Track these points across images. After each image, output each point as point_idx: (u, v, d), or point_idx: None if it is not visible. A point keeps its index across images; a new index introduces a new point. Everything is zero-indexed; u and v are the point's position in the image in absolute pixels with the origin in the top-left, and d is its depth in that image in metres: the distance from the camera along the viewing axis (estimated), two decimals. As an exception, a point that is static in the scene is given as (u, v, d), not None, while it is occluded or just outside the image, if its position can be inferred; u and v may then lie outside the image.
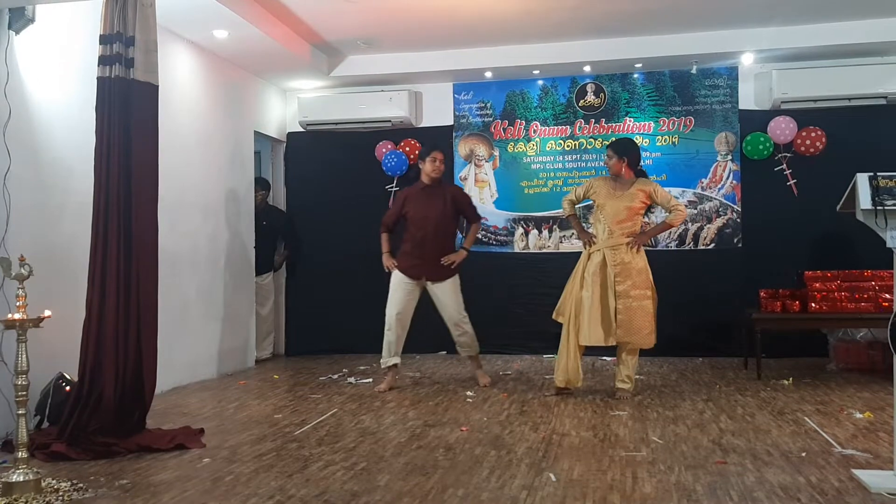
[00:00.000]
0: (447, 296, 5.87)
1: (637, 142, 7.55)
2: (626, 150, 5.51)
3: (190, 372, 6.33)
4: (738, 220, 7.43)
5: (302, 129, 8.17)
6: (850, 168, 3.88)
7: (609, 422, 4.73)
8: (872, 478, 3.43)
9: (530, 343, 7.67)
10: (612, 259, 5.32)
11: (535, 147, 7.85)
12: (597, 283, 5.29)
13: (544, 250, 7.82)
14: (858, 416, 4.80)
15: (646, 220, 5.92)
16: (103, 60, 4.36)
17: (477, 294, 7.76)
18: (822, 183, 6.33)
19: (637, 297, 5.27)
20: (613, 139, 6.15)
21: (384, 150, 7.86)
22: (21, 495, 3.30)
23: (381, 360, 5.92)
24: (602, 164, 7.56)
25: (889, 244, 3.42)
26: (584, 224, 5.94)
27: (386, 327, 5.86)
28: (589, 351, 5.59)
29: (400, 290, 5.84)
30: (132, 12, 4.36)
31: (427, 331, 6.36)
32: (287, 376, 6.79)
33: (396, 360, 5.88)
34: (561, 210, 5.98)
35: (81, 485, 3.51)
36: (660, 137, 7.61)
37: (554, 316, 5.58)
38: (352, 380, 6.34)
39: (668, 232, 7.51)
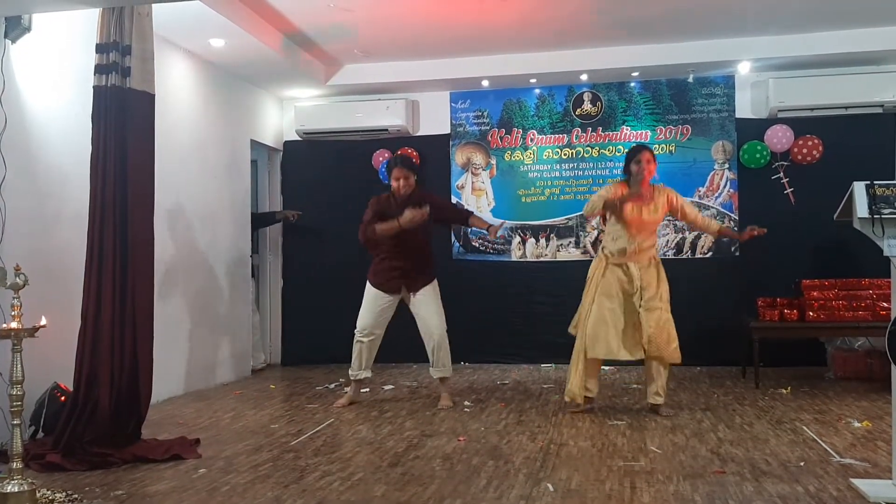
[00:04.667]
0: (429, 304, 5.58)
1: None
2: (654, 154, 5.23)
3: (185, 381, 6.30)
4: (736, 228, 7.41)
5: (299, 138, 8.17)
6: (846, 176, 3.87)
7: (607, 431, 4.72)
8: (871, 487, 3.42)
9: (527, 352, 7.65)
10: (637, 272, 5.07)
11: (532, 156, 7.85)
12: (617, 293, 5.06)
13: (542, 259, 7.81)
14: (857, 424, 4.80)
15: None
16: (99, 69, 4.36)
17: (474, 303, 7.78)
18: (819, 191, 6.32)
19: (664, 310, 5.07)
20: (638, 144, 5.92)
21: (381, 158, 7.86)
22: (15, 506, 3.28)
23: (350, 373, 5.71)
24: (599, 171, 7.59)
25: (886, 252, 3.42)
26: (582, 234, 5.68)
27: (355, 340, 5.62)
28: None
29: (374, 307, 5.56)
30: (129, 21, 4.36)
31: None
32: (283, 386, 6.77)
33: (367, 373, 5.69)
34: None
35: (76, 495, 3.49)
36: (657, 146, 7.60)
37: (570, 329, 5.32)
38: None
39: (665, 240, 7.53)
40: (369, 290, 5.64)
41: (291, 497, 3.49)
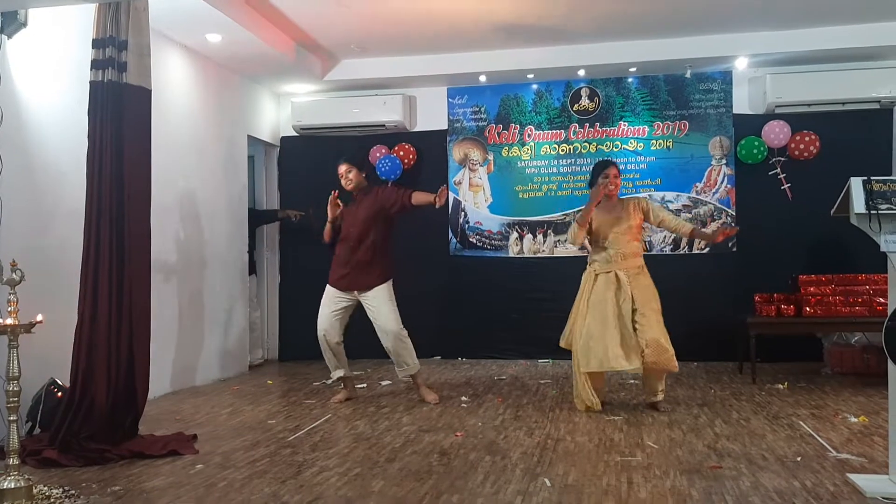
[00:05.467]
0: (380, 305, 5.51)
1: (632, 146, 7.62)
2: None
3: (183, 377, 6.30)
4: (733, 224, 7.43)
5: (296, 134, 8.15)
6: (843, 172, 3.88)
7: (604, 427, 4.72)
8: (867, 482, 3.43)
9: (525, 348, 7.66)
10: (626, 279, 5.09)
11: (529, 151, 7.84)
12: (610, 302, 5.03)
13: (539, 255, 7.81)
14: (853, 420, 4.81)
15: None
16: (96, 64, 4.34)
17: (471, 299, 7.79)
18: (816, 187, 6.34)
19: (654, 312, 5.05)
20: (605, 160, 5.91)
21: (378, 154, 7.85)
22: (13, 502, 3.27)
23: (331, 375, 5.78)
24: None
25: (883, 248, 3.42)
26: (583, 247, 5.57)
27: (320, 343, 5.65)
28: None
29: (329, 306, 5.62)
30: (125, 16, 4.35)
31: (420, 336, 6.28)
32: (280, 382, 6.77)
33: (341, 372, 5.68)
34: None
35: (73, 491, 3.49)
36: (654, 142, 7.62)
37: (561, 343, 5.33)
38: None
39: (662, 236, 7.53)
40: (326, 290, 5.69)
41: (289, 492, 3.49)
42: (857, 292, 6.27)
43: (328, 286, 5.69)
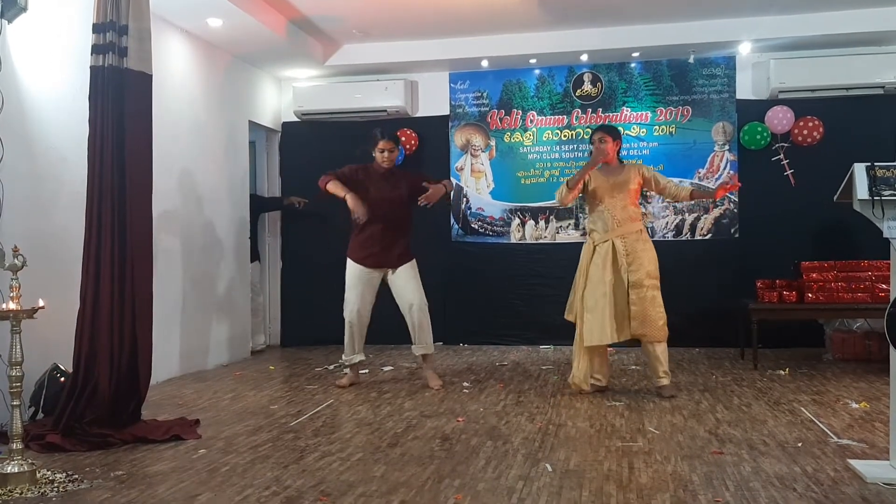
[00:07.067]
0: (410, 280, 5.56)
1: (634, 132, 7.59)
2: (618, 134, 5.40)
3: (185, 362, 6.31)
4: (735, 210, 7.42)
5: (297, 119, 8.13)
6: (847, 158, 3.86)
7: (605, 412, 4.73)
8: (868, 468, 3.44)
9: (527, 334, 7.67)
10: (623, 248, 5.11)
11: (531, 137, 7.82)
12: (607, 276, 5.05)
13: (541, 241, 7.80)
14: (854, 406, 4.81)
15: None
16: (96, 49, 4.31)
17: (473, 285, 7.80)
18: (820, 173, 6.32)
19: (650, 287, 5.07)
20: (598, 125, 5.98)
21: (380, 139, 7.82)
22: (16, 486, 3.29)
23: (344, 357, 5.73)
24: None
25: (886, 234, 3.41)
26: (581, 216, 5.63)
27: (346, 324, 5.61)
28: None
29: (360, 285, 5.56)
30: (125, 0, 4.32)
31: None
32: (283, 367, 6.79)
33: (361, 356, 5.70)
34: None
35: (76, 476, 3.50)
36: (657, 127, 7.59)
37: (566, 315, 5.35)
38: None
39: (664, 222, 7.52)
40: (351, 269, 5.63)
41: (291, 477, 3.50)
42: (859, 279, 6.27)
43: (353, 265, 5.61)
